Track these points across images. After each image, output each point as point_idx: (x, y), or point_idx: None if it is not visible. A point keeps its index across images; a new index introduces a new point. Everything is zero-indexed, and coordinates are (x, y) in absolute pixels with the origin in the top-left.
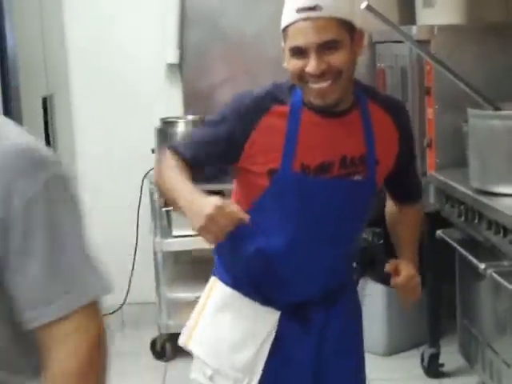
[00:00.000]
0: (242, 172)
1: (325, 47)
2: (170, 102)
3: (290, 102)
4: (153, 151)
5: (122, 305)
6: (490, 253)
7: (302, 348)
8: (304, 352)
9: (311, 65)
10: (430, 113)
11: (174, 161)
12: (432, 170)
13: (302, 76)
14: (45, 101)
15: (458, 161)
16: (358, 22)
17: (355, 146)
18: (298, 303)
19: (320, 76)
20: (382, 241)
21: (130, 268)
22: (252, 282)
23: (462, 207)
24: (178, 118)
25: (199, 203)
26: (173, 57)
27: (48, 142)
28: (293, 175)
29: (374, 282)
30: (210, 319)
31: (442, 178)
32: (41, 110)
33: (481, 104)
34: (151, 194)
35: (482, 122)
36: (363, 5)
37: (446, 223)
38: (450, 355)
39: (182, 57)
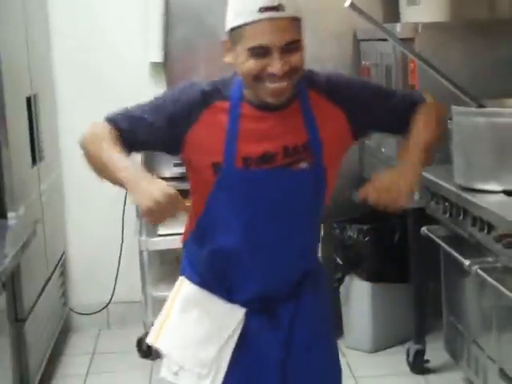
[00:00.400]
0: (191, 169)
1: (287, 48)
2: None
3: (230, 97)
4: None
5: (108, 304)
6: (474, 249)
7: (271, 343)
8: (272, 347)
9: (276, 66)
10: None
11: (109, 129)
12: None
13: (260, 76)
14: (29, 100)
15: (442, 157)
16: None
17: (296, 135)
18: (264, 298)
19: (282, 76)
20: (367, 238)
21: (116, 267)
22: (216, 278)
23: (446, 204)
24: None
25: (147, 184)
26: (157, 56)
27: (32, 142)
28: (236, 171)
29: (360, 280)
30: (177, 317)
31: (426, 174)
32: (25, 110)
33: (465, 101)
34: None
35: (466, 119)
36: (347, 3)
37: (431, 220)
38: (436, 351)
39: (166, 56)
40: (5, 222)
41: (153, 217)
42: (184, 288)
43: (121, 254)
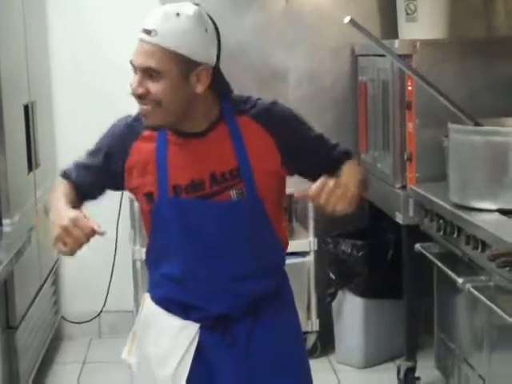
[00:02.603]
0: (136, 199)
1: (148, 73)
2: None
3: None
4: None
5: (100, 312)
6: (468, 267)
7: (226, 361)
8: (229, 365)
9: (132, 86)
10: (410, 127)
11: (61, 181)
12: (412, 184)
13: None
14: (26, 108)
15: (437, 175)
16: (205, 57)
17: (224, 162)
18: (218, 317)
19: (139, 98)
20: (361, 253)
21: (109, 276)
22: (169, 298)
23: (441, 221)
24: None
25: (58, 215)
26: None
27: (29, 149)
28: (168, 200)
29: (353, 295)
30: (140, 334)
31: (421, 191)
32: (22, 117)
33: (461, 119)
34: (131, 202)
35: (462, 137)
36: (346, 19)
37: (425, 237)
38: (427, 369)
39: None
40: (0, 229)
41: (65, 246)
42: (145, 306)
43: (114, 263)
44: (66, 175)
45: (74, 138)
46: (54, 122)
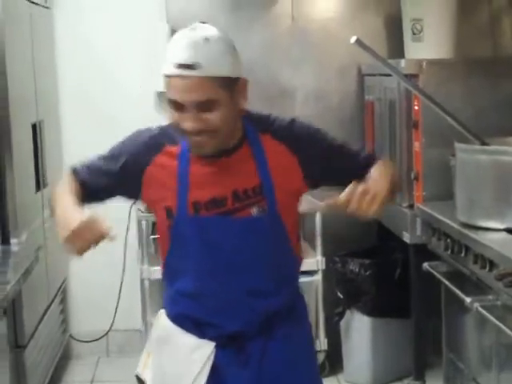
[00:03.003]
0: (153, 213)
1: (201, 106)
2: None
3: (181, 142)
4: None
5: (108, 331)
6: (476, 287)
7: (239, 380)
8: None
9: (187, 124)
10: (417, 146)
11: (70, 179)
12: (419, 203)
13: (180, 128)
14: (34, 127)
15: (444, 194)
16: (240, 71)
17: (246, 179)
18: (232, 335)
19: (197, 133)
20: (369, 272)
21: (117, 295)
22: (185, 314)
23: (448, 240)
24: None
25: (68, 216)
26: (162, 85)
27: (37, 168)
28: (187, 218)
29: (361, 314)
30: (154, 351)
31: (428, 210)
32: (30, 136)
33: (468, 138)
34: (139, 222)
35: (469, 157)
36: (353, 39)
37: (432, 256)
38: None
39: None
40: (8, 248)
41: (74, 247)
42: (160, 322)
43: (122, 282)
44: (74, 172)
45: (81, 157)
46: (62, 141)
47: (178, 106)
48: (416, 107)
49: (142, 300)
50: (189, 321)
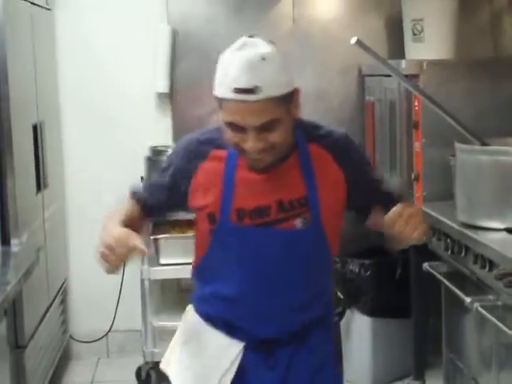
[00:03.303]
0: (195, 217)
1: (263, 127)
2: (159, 131)
3: (227, 147)
4: (142, 179)
5: (108, 332)
6: (476, 287)
7: (265, 382)
8: None
9: (249, 145)
10: (417, 146)
11: (130, 201)
12: (419, 203)
13: (239, 146)
14: (35, 128)
15: (444, 194)
16: (293, 81)
17: (293, 189)
18: (263, 340)
19: (258, 152)
20: (369, 273)
21: (117, 295)
22: (216, 315)
23: (448, 241)
24: (167, 146)
25: (106, 233)
26: (163, 86)
27: (37, 169)
28: (230, 225)
29: (361, 314)
30: (180, 348)
31: (428, 211)
32: (31, 137)
33: (468, 139)
34: None
35: (469, 157)
36: (353, 40)
37: (432, 256)
38: None
39: (172, 86)
40: (8, 249)
41: (108, 263)
42: (188, 318)
43: (122, 282)
44: (133, 192)
45: (82, 158)
46: (63, 143)
47: (237, 127)
48: (416, 108)
49: (141, 300)
50: (220, 322)
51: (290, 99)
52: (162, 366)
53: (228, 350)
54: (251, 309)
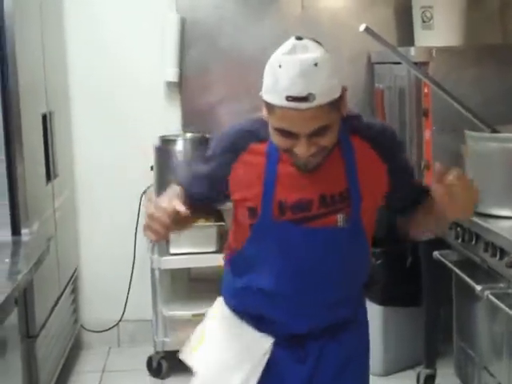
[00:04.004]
0: (234, 210)
1: (316, 132)
2: (169, 120)
3: (269, 140)
4: (151, 168)
5: (119, 321)
6: (486, 275)
7: (294, 377)
8: (295, 380)
9: (301, 150)
10: (427, 134)
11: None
12: None
13: (289, 151)
14: (44, 117)
15: None
16: (342, 81)
17: (335, 184)
18: (295, 335)
19: (308, 156)
20: (379, 261)
21: (128, 285)
22: (248, 309)
23: (458, 229)
24: (176, 135)
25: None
26: (172, 75)
27: (47, 159)
28: (271, 221)
29: (372, 303)
30: (208, 338)
31: None
32: (40, 127)
33: (478, 126)
34: None
35: (479, 144)
36: (362, 27)
37: (443, 245)
38: (446, 377)
39: (181, 75)
40: (19, 239)
41: (151, 232)
42: (219, 310)
43: (132, 272)
44: (180, 182)
45: (91, 147)
46: (72, 132)
47: (287, 133)
48: (426, 95)
49: (152, 290)
50: (252, 316)
51: (339, 101)
52: (183, 356)
53: (259, 344)
54: (285, 304)
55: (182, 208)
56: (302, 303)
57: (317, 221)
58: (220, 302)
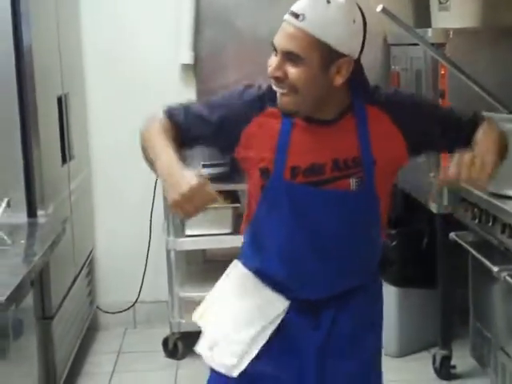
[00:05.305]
0: (244, 169)
1: (288, 57)
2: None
3: None
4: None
5: (135, 303)
6: (503, 256)
7: (307, 342)
8: (309, 346)
9: (270, 68)
10: None
11: (165, 121)
12: None
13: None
14: (60, 100)
15: None
16: (350, 49)
17: (348, 149)
18: (306, 301)
19: (276, 80)
20: (395, 243)
21: (143, 266)
22: (262, 273)
23: (475, 210)
24: None
25: (177, 178)
26: (187, 57)
27: (63, 141)
28: (283, 182)
29: (387, 284)
30: (223, 296)
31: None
32: (56, 109)
33: (495, 107)
34: (164, 193)
35: None
36: (379, 8)
37: (459, 226)
38: (462, 358)
39: (196, 57)
40: (35, 221)
41: (179, 210)
42: (236, 270)
43: (148, 253)
44: (172, 115)
45: (107, 129)
46: (87, 114)
47: (275, 49)
48: (442, 77)
49: (168, 271)
50: (267, 278)
51: (333, 58)
52: (194, 318)
53: (274, 304)
54: (298, 269)
55: (219, 199)
56: (313, 270)
57: (329, 184)
58: (236, 264)
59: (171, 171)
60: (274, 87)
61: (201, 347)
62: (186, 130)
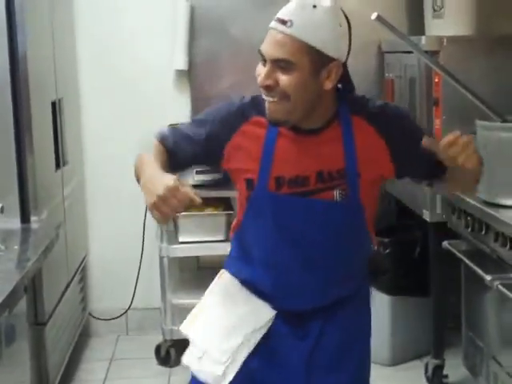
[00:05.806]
0: (232, 180)
1: (279, 64)
2: (178, 108)
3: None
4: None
5: (127, 309)
6: (496, 265)
7: (293, 353)
8: (294, 357)
9: (260, 77)
10: (437, 123)
11: (156, 144)
12: None
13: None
14: (54, 105)
15: None
16: (338, 52)
17: (333, 161)
18: (293, 312)
19: (266, 89)
20: (388, 251)
21: (136, 273)
22: (249, 283)
23: (468, 218)
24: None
25: (154, 182)
26: (182, 63)
27: (56, 146)
28: (267, 193)
29: (380, 292)
30: (210, 305)
31: None
32: (50, 114)
33: (489, 115)
34: None
35: (489, 134)
36: (373, 15)
37: (452, 234)
38: (455, 367)
39: (190, 64)
40: (28, 226)
41: (160, 213)
42: (223, 279)
43: (141, 260)
44: (162, 139)
45: (101, 135)
46: (81, 120)
47: (263, 58)
48: (436, 84)
49: (161, 278)
50: (253, 288)
51: (323, 62)
52: (183, 328)
53: (260, 313)
54: (283, 280)
55: (198, 199)
56: (298, 281)
57: (313, 195)
58: (223, 273)
59: (152, 179)
60: (264, 96)
61: (188, 358)
62: (175, 152)
